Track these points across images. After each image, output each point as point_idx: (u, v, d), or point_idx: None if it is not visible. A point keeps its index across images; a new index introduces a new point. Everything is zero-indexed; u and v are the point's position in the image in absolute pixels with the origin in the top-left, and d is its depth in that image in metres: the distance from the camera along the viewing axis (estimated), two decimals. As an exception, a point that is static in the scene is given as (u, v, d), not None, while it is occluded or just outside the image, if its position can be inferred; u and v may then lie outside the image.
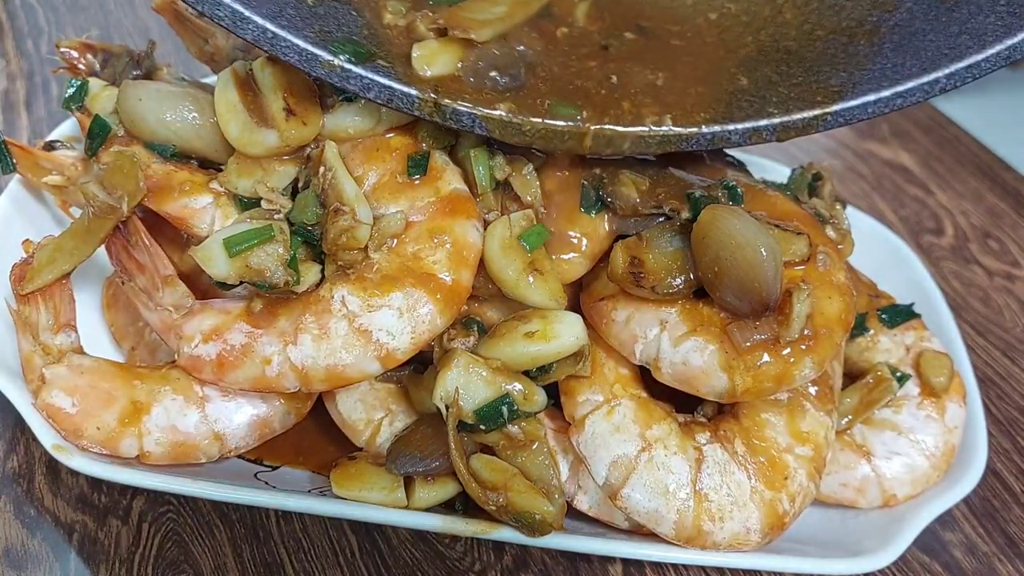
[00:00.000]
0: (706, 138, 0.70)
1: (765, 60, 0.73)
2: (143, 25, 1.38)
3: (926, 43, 0.70)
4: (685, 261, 0.71)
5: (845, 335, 0.74)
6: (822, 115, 0.70)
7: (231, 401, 0.74)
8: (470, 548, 0.78)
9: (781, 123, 0.70)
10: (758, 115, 0.70)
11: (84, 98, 0.78)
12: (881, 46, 0.70)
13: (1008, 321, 1.13)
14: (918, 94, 0.69)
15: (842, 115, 0.70)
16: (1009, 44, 0.68)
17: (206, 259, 0.68)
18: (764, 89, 0.71)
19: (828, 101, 0.70)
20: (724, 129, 0.70)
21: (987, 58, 0.68)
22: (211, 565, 0.74)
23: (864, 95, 0.70)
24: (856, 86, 0.70)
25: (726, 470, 0.73)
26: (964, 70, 0.68)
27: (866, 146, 1.44)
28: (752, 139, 0.71)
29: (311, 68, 0.66)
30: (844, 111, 0.70)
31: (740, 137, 0.71)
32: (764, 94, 0.71)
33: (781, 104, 0.70)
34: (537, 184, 0.74)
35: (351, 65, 0.66)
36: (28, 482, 0.77)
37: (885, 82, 0.69)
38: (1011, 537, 0.87)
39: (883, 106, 0.70)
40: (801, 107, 0.70)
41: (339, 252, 0.69)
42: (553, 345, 0.70)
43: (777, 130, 0.70)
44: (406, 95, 0.67)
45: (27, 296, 0.74)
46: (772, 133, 0.71)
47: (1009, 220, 1.31)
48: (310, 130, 0.71)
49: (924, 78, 0.69)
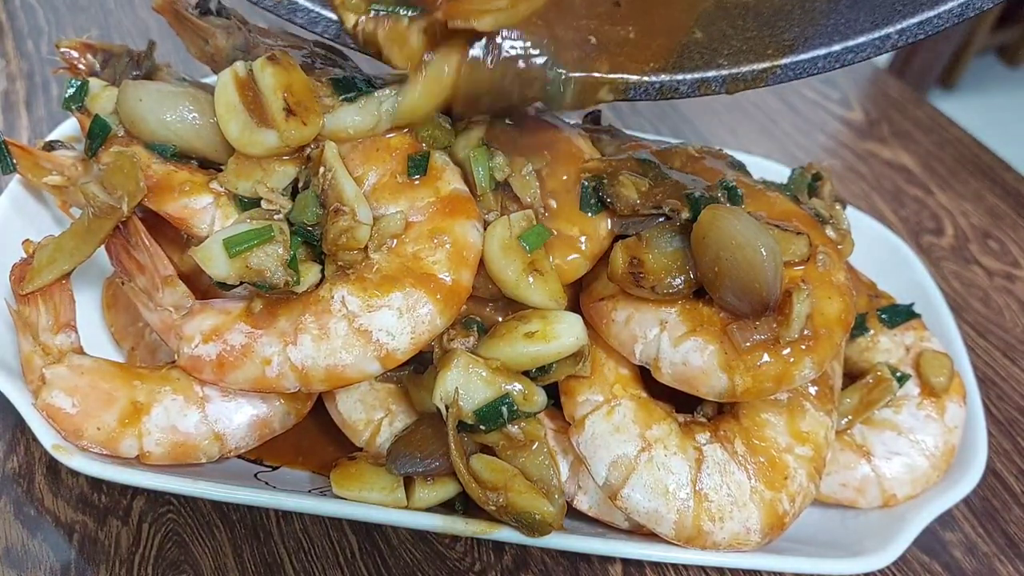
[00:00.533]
0: (655, 87, 0.71)
1: (723, 15, 0.73)
2: (143, 25, 1.38)
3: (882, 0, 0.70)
4: (685, 261, 0.71)
5: (845, 335, 0.74)
6: (771, 68, 0.70)
7: (231, 401, 0.74)
8: (470, 548, 0.78)
9: (730, 75, 0.71)
10: (707, 66, 0.71)
11: (84, 98, 0.78)
12: (838, 3, 0.71)
13: (1008, 321, 1.13)
14: (869, 49, 0.70)
15: (792, 68, 0.71)
16: (961, 1, 0.68)
17: (206, 260, 0.68)
18: (717, 42, 0.72)
19: (778, 55, 0.70)
20: (672, 79, 0.71)
21: (939, 14, 0.68)
22: (211, 565, 0.74)
23: (815, 49, 0.70)
24: (808, 40, 0.70)
25: (726, 470, 0.73)
26: (916, 26, 0.68)
27: (866, 146, 1.44)
28: (701, 90, 0.71)
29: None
30: (794, 64, 0.70)
31: (688, 87, 0.71)
32: (717, 47, 0.72)
33: (732, 57, 0.71)
34: (536, 184, 0.74)
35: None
36: (28, 482, 0.77)
37: (837, 36, 0.70)
38: (1011, 537, 0.87)
39: (833, 61, 0.70)
40: (751, 60, 0.71)
41: (339, 252, 0.69)
42: (553, 345, 0.70)
43: (726, 81, 0.71)
44: None
45: (27, 296, 0.74)
46: (721, 84, 0.71)
47: (1009, 220, 1.31)
48: (310, 130, 0.71)
49: (875, 33, 0.69)
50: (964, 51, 3.26)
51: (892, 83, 1.62)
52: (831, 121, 1.49)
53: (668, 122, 1.41)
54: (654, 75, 0.71)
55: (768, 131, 1.44)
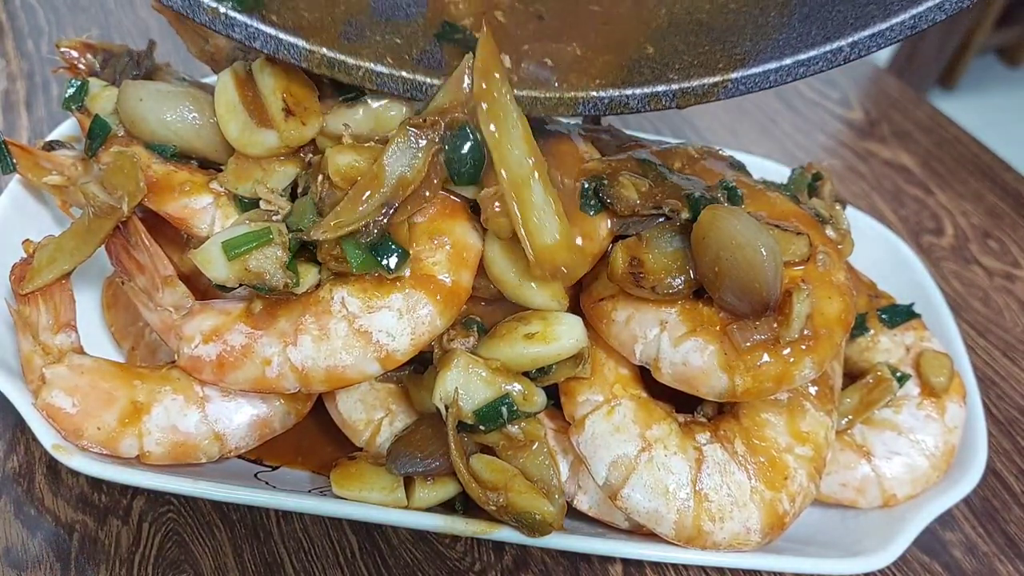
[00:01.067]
0: (603, 102, 0.71)
1: (675, 31, 0.73)
2: (143, 25, 1.38)
3: (834, 14, 0.70)
4: (685, 261, 0.71)
5: (845, 335, 0.74)
6: (722, 82, 0.70)
7: (231, 401, 0.74)
8: (470, 548, 0.78)
9: (680, 89, 0.71)
10: (657, 81, 0.71)
11: (84, 98, 0.78)
12: (791, 17, 0.71)
13: (1008, 321, 1.13)
14: (821, 63, 0.70)
15: (742, 83, 0.71)
16: (914, 13, 0.67)
17: (205, 262, 0.68)
18: (669, 57, 0.72)
19: (729, 68, 0.70)
20: (622, 94, 0.71)
21: (891, 27, 0.68)
22: (211, 565, 0.74)
23: (766, 63, 0.70)
24: (759, 54, 0.70)
25: (726, 470, 0.73)
26: (868, 38, 0.68)
27: (866, 146, 1.44)
28: (651, 104, 0.71)
29: (194, 14, 0.66)
30: (744, 79, 0.71)
31: (638, 103, 0.72)
32: (668, 61, 0.72)
33: (683, 71, 0.71)
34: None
35: (235, 12, 0.66)
36: (28, 482, 0.77)
37: (788, 50, 0.70)
38: (1011, 537, 0.87)
39: (784, 74, 0.70)
40: (701, 74, 0.71)
41: (331, 263, 0.68)
42: (553, 347, 0.70)
43: (676, 96, 0.71)
44: (293, 46, 0.67)
45: (27, 296, 0.74)
46: (671, 99, 0.71)
47: (1009, 220, 1.31)
48: (309, 130, 0.71)
49: (827, 47, 0.69)
50: (964, 51, 3.26)
51: (892, 83, 1.62)
52: (831, 121, 1.49)
53: (668, 122, 1.41)
54: (602, 90, 0.71)
55: (768, 131, 1.44)
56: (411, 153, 0.67)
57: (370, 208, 0.66)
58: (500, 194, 0.68)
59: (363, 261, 0.67)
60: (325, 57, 0.68)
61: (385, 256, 0.67)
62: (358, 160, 0.68)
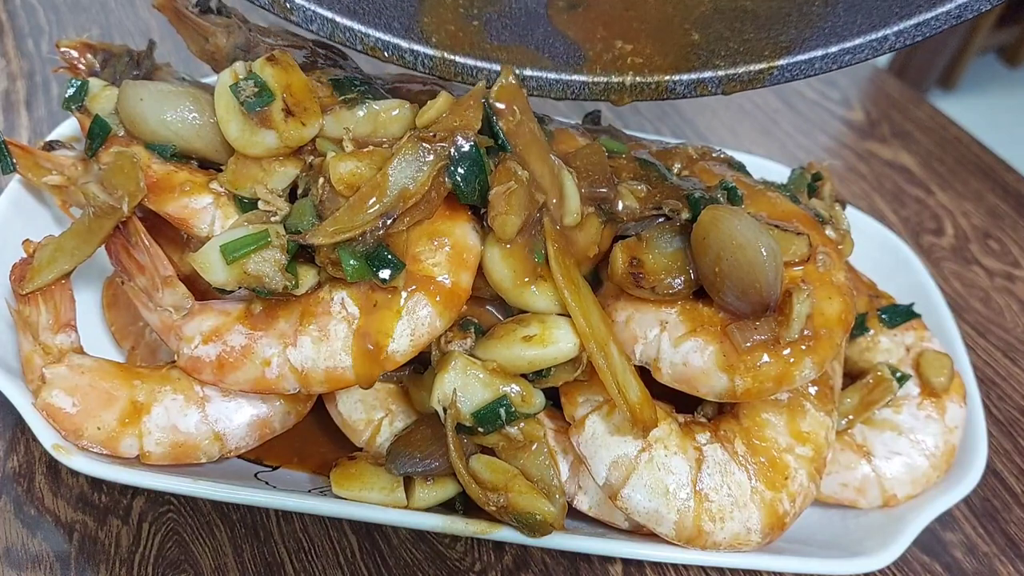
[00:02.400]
0: (650, 87, 0.71)
1: (720, 18, 0.73)
2: (144, 25, 1.38)
3: (879, 3, 0.70)
4: (685, 261, 0.71)
5: (845, 335, 0.74)
6: (768, 68, 0.71)
7: (231, 401, 0.74)
8: (470, 548, 0.78)
9: (726, 75, 0.72)
10: (704, 67, 0.71)
11: (84, 98, 0.78)
12: (835, 6, 0.71)
13: (1008, 322, 1.13)
14: (866, 51, 0.70)
15: (788, 69, 0.71)
16: (959, 3, 0.68)
17: (204, 266, 0.68)
18: (714, 44, 0.72)
19: (775, 56, 0.71)
20: (670, 79, 0.71)
21: (937, 16, 0.68)
22: (211, 565, 0.74)
23: (812, 51, 0.70)
24: (805, 42, 0.71)
25: (726, 470, 0.73)
26: (913, 27, 0.69)
27: (867, 146, 1.44)
28: (697, 90, 0.72)
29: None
30: (791, 65, 0.71)
31: (685, 88, 0.72)
32: (714, 48, 0.72)
33: (729, 58, 0.72)
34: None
35: None
36: (28, 482, 0.77)
37: (834, 39, 0.70)
38: (1011, 537, 0.87)
39: (831, 62, 0.70)
40: (748, 61, 0.71)
41: (330, 267, 0.68)
42: (550, 350, 0.70)
43: (722, 82, 0.72)
44: (348, 29, 0.69)
45: (27, 296, 0.74)
46: (717, 85, 0.72)
47: (1010, 221, 1.31)
48: (309, 131, 0.71)
49: (873, 35, 0.69)
50: (964, 51, 3.26)
51: (892, 83, 1.62)
52: (831, 121, 1.49)
53: (668, 122, 1.41)
54: (649, 76, 0.71)
55: (768, 131, 1.44)
56: (416, 166, 0.67)
57: (369, 217, 0.66)
58: (510, 192, 0.68)
59: (357, 270, 0.67)
60: (379, 40, 0.69)
61: (380, 267, 0.67)
62: (360, 166, 0.68)
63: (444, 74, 0.73)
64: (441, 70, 0.72)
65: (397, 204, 0.67)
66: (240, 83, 0.70)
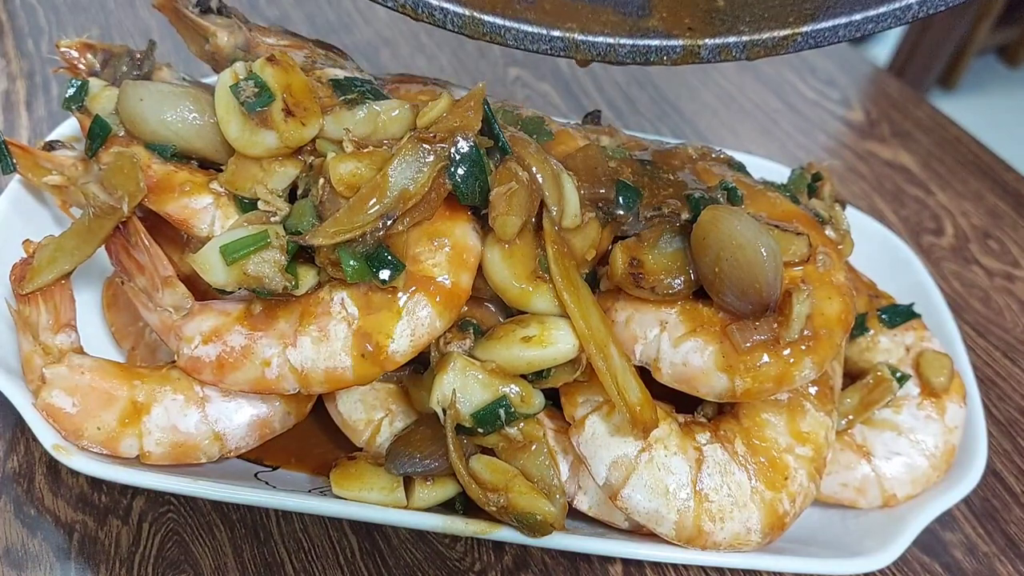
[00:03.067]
0: (675, 51, 0.71)
1: None
2: (144, 25, 1.38)
3: None
4: (685, 261, 0.71)
5: (845, 335, 0.74)
6: (792, 35, 0.71)
7: (231, 401, 0.74)
8: (470, 548, 0.78)
9: (751, 40, 0.72)
10: (728, 32, 0.71)
11: (84, 98, 0.78)
12: None
13: (1008, 322, 1.13)
14: (890, 19, 0.70)
15: (812, 36, 0.71)
16: None
17: (204, 267, 0.68)
18: (739, 10, 0.72)
19: (799, 23, 0.71)
20: (693, 43, 0.71)
21: None
22: (211, 565, 0.74)
23: (836, 18, 0.71)
24: (829, 10, 0.71)
25: (726, 470, 0.73)
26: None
27: (866, 146, 1.44)
28: (721, 55, 0.72)
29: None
30: (815, 32, 0.71)
31: (709, 53, 0.72)
32: (738, 14, 0.72)
33: (753, 24, 0.72)
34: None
35: None
36: (28, 482, 0.77)
37: (858, 6, 0.70)
38: (1011, 538, 0.87)
39: (854, 29, 0.71)
40: (772, 27, 0.71)
41: (330, 268, 0.68)
42: (549, 351, 0.70)
43: (746, 47, 0.72)
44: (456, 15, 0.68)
45: (27, 296, 0.74)
46: (741, 51, 0.72)
47: (1009, 220, 1.31)
48: (309, 131, 0.71)
49: (897, 3, 0.70)
50: (964, 51, 3.26)
51: (892, 83, 1.62)
52: (831, 121, 1.49)
53: (668, 122, 1.41)
54: (673, 39, 0.71)
55: (768, 131, 1.44)
56: (416, 167, 0.67)
57: (369, 218, 0.66)
58: (511, 193, 0.68)
59: (357, 270, 0.67)
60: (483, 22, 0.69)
61: (380, 267, 0.67)
62: (360, 167, 0.68)
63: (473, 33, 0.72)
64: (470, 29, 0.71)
65: (397, 205, 0.67)
66: (240, 83, 0.70)
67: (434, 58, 1.44)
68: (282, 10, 1.47)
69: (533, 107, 0.87)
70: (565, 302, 0.69)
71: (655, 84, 1.47)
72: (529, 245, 0.71)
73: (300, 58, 0.79)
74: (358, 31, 1.46)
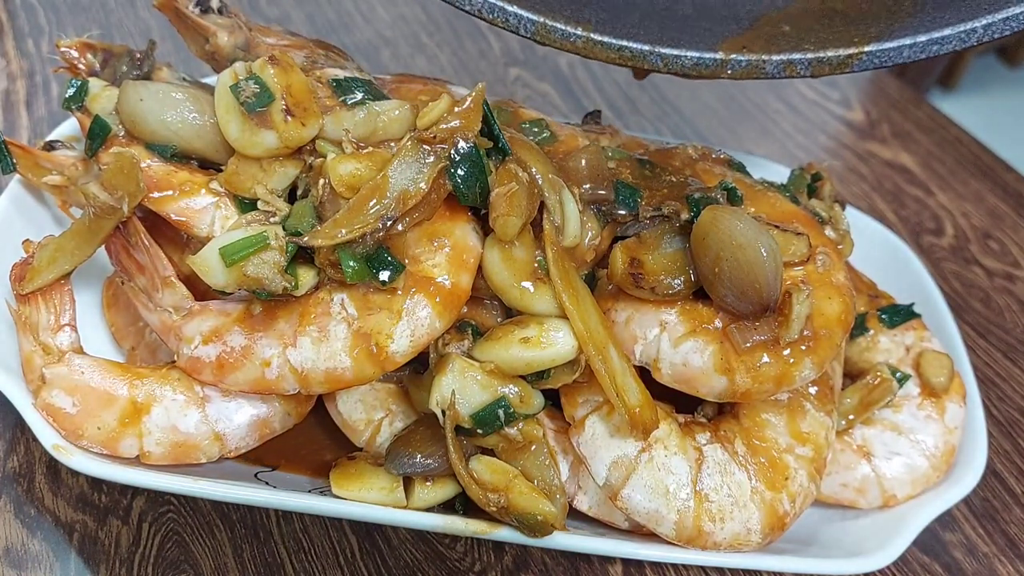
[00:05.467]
0: (741, 65, 0.72)
1: (810, 16, 0.75)
2: (144, 25, 1.38)
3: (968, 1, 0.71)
4: (685, 262, 0.71)
5: (845, 335, 0.74)
6: (857, 53, 0.72)
7: (231, 401, 0.74)
8: (470, 548, 0.78)
9: (816, 58, 0.73)
10: (793, 50, 0.73)
11: (84, 98, 0.78)
12: (924, 5, 0.73)
13: (1009, 322, 1.13)
14: (954, 41, 0.71)
15: (877, 55, 0.72)
16: None
17: (204, 269, 0.68)
18: (804, 33, 0.74)
19: (864, 43, 0.72)
20: (759, 58, 0.72)
21: None
22: (211, 565, 0.74)
23: (900, 39, 0.72)
24: (893, 33, 0.72)
25: (726, 470, 0.73)
26: (1001, 22, 0.70)
27: (866, 146, 1.44)
28: (786, 71, 0.73)
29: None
30: (880, 52, 0.72)
31: (774, 68, 0.73)
32: (803, 36, 0.73)
33: (818, 43, 0.73)
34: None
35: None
36: (28, 482, 0.77)
37: (922, 30, 0.71)
38: (1011, 538, 0.87)
39: (918, 51, 0.72)
40: (837, 46, 0.72)
41: (330, 269, 0.68)
42: (548, 352, 0.70)
43: (811, 64, 0.73)
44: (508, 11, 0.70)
45: (27, 296, 0.74)
46: (806, 67, 0.73)
47: (1010, 221, 1.31)
48: (309, 131, 0.71)
49: (961, 27, 0.71)
50: (964, 51, 3.25)
51: (892, 83, 1.62)
52: (831, 121, 1.49)
53: (668, 122, 1.41)
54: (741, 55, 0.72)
55: (768, 131, 1.44)
56: (417, 167, 0.67)
57: (369, 219, 0.66)
58: (512, 193, 0.68)
59: (357, 271, 0.67)
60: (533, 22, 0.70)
61: (380, 268, 0.67)
62: (360, 168, 0.68)
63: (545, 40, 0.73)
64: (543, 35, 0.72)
65: (397, 205, 0.67)
66: (240, 83, 0.70)
67: (434, 58, 1.44)
68: (282, 10, 1.47)
69: (533, 107, 0.87)
70: (564, 303, 0.69)
71: (655, 84, 1.47)
72: (528, 246, 0.71)
73: (300, 58, 0.79)
74: (358, 31, 1.46)
